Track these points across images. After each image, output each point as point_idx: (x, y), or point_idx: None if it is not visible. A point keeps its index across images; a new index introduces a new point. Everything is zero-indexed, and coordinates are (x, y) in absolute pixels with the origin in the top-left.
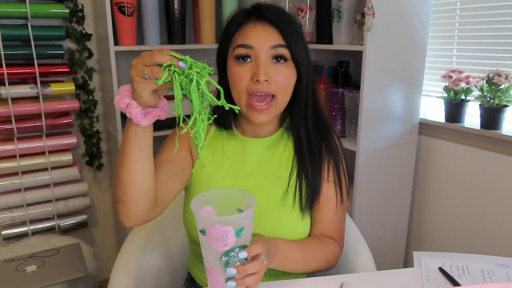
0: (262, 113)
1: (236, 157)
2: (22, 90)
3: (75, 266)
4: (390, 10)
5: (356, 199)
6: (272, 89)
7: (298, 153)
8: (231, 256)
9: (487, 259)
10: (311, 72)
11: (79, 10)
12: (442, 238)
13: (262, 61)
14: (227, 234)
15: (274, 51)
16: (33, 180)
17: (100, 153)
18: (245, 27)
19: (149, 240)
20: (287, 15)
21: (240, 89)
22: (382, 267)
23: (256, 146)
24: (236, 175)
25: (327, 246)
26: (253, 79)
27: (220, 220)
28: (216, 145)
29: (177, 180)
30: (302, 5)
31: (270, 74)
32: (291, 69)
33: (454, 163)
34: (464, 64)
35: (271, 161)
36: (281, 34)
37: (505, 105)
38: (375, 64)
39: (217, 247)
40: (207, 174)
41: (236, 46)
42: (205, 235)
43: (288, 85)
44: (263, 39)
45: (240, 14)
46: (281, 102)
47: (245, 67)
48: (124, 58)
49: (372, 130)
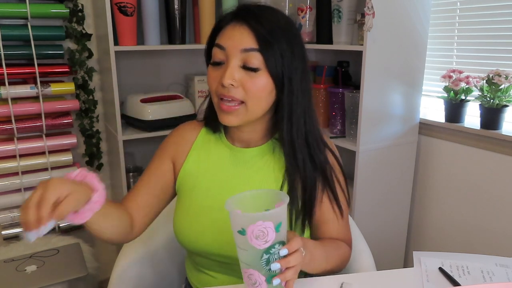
0: (229, 114)
1: (223, 165)
2: (22, 90)
3: (75, 266)
4: (390, 10)
5: (356, 199)
6: (240, 95)
7: (288, 171)
8: (271, 253)
9: (487, 259)
10: (303, 81)
11: (79, 10)
12: (442, 238)
13: (230, 65)
14: (268, 230)
15: (245, 55)
16: (33, 180)
17: (100, 153)
18: (226, 27)
19: (149, 239)
20: (270, 18)
21: (213, 91)
22: (382, 267)
23: (243, 156)
24: (222, 186)
25: (340, 247)
26: (220, 81)
27: (261, 216)
28: (203, 148)
29: (155, 202)
30: (302, 5)
31: (238, 78)
32: (265, 77)
33: (454, 163)
34: (464, 64)
35: (259, 174)
36: (256, 38)
37: (505, 105)
38: (375, 64)
39: (257, 245)
40: (192, 179)
41: (214, 44)
42: (245, 234)
43: (260, 93)
44: (235, 41)
45: (228, 13)
46: (252, 109)
47: (218, 69)
48: (124, 58)
49: (372, 130)
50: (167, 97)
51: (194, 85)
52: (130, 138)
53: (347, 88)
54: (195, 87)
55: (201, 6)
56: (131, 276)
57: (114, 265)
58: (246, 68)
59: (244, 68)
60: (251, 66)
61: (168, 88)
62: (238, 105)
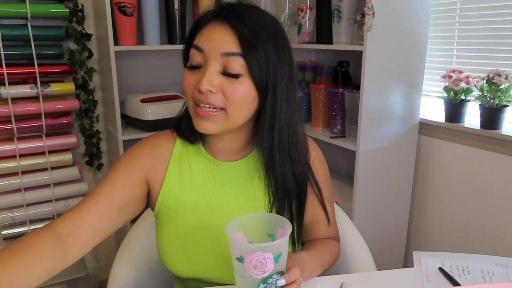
0: (206, 120)
1: (206, 181)
2: (22, 90)
3: (75, 266)
4: (390, 10)
5: (356, 199)
6: (219, 102)
7: (268, 185)
8: (269, 283)
9: (487, 259)
10: (288, 88)
11: (79, 10)
12: (442, 238)
13: (208, 69)
14: (266, 260)
15: (226, 59)
16: (33, 180)
17: (100, 153)
18: (206, 26)
19: (149, 239)
20: (254, 18)
21: (188, 96)
22: (382, 267)
23: (228, 170)
24: (208, 204)
25: (332, 247)
26: (196, 86)
27: (261, 247)
28: (183, 162)
29: (114, 218)
30: (302, 5)
31: (217, 84)
32: (248, 83)
33: (454, 163)
34: (464, 64)
35: (247, 189)
36: (239, 41)
37: (505, 105)
38: (375, 64)
39: (255, 274)
40: (175, 199)
41: (192, 45)
42: (243, 262)
43: (241, 101)
44: (215, 44)
45: (210, 11)
46: (232, 117)
47: (195, 73)
48: (124, 58)
49: (372, 130)
50: (167, 97)
51: None
52: (130, 138)
53: (347, 88)
54: None
55: (201, 6)
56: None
57: (113, 265)
58: (227, 74)
59: (224, 73)
60: (232, 72)
61: (168, 88)
62: (217, 112)
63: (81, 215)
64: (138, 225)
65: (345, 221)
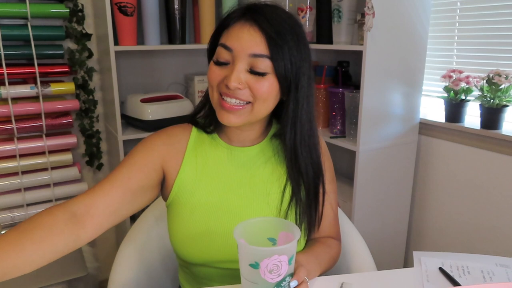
0: (231, 114)
1: (222, 166)
2: (22, 90)
3: (75, 266)
4: (390, 10)
5: (356, 199)
6: (246, 96)
7: (291, 177)
8: (282, 286)
9: (487, 259)
10: (309, 87)
11: (79, 10)
12: (442, 238)
13: (236, 68)
14: (282, 263)
15: (253, 60)
16: (33, 180)
17: (100, 153)
18: (233, 25)
19: (148, 239)
20: (282, 21)
21: (213, 87)
22: (382, 267)
23: (244, 155)
24: (223, 188)
25: (331, 248)
26: (224, 81)
27: (277, 250)
28: (199, 150)
29: (130, 201)
30: (302, 5)
31: (244, 81)
32: (273, 80)
33: (454, 163)
34: (464, 64)
35: (261, 173)
36: (267, 43)
37: (505, 105)
38: (375, 64)
39: (269, 279)
40: (190, 184)
41: (220, 43)
42: (258, 268)
43: (267, 95)
44: (244, 44)
45: (237, 10)
46: (258, 110)
47: (222, 68)
48: (124, 58)
49: (372, 130)
50: (167, 97)
51: (194, 85)
52: (130, 138)
53: (347, 88)
54: (195, 87)
55: (201, 6)
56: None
57: (113, 265)
58: (254, 73)
59: (251, 72)
60: (259, 71)
61: (168, 88)
62: (244, 105)
63: (98, 196)
64: (138, 225)
65: (345, 221)
